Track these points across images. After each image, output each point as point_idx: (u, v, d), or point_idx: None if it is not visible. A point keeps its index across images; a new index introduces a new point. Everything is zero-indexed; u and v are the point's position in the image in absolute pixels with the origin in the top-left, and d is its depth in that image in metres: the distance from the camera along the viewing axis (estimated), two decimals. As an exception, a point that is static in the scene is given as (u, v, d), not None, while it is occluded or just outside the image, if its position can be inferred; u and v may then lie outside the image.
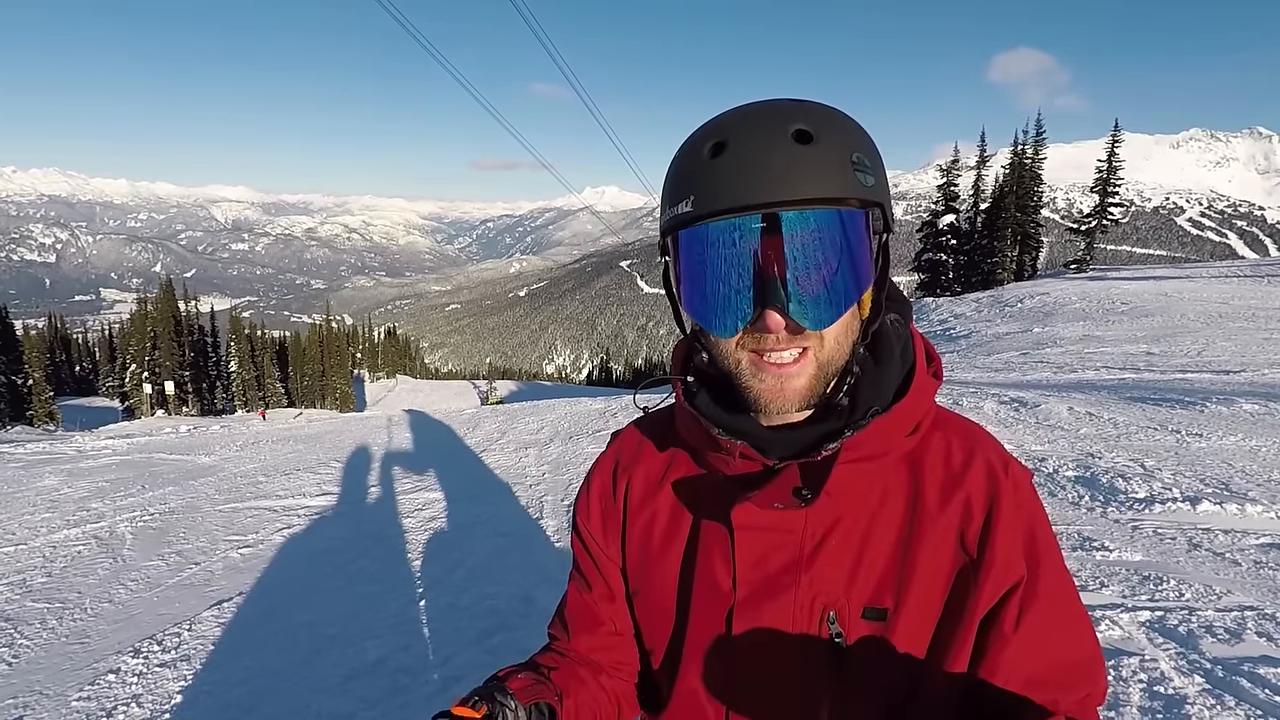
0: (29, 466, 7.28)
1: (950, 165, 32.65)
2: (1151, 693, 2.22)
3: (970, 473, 0.73)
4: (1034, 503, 0.73)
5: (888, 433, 0.71)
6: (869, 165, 0.65)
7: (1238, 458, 4.63)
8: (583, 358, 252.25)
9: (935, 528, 0.71)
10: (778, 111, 0.65)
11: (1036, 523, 0.72)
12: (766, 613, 0.74)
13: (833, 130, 0.64)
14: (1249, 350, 9.60)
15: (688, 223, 0.66)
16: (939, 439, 0.76)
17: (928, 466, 0.74)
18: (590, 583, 0.90)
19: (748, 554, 0.75)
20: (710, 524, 0.79)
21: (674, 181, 0.69)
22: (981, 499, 0.72)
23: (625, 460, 0.90)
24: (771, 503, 0.71)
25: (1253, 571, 3.03)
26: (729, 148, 0.63)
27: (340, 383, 54.79)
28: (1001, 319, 17.58)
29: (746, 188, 0.62)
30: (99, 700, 2.75)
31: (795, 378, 0.66)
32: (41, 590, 3.90)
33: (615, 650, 0.89)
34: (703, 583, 0.78)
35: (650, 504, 0.85)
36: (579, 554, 0.93)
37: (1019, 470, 0.74)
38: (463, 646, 3.09)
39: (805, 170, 0.62)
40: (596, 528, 0.89)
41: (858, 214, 0.64)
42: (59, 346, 54.79)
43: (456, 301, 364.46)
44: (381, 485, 6.11)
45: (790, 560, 0.73)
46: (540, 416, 9.19)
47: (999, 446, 0.77)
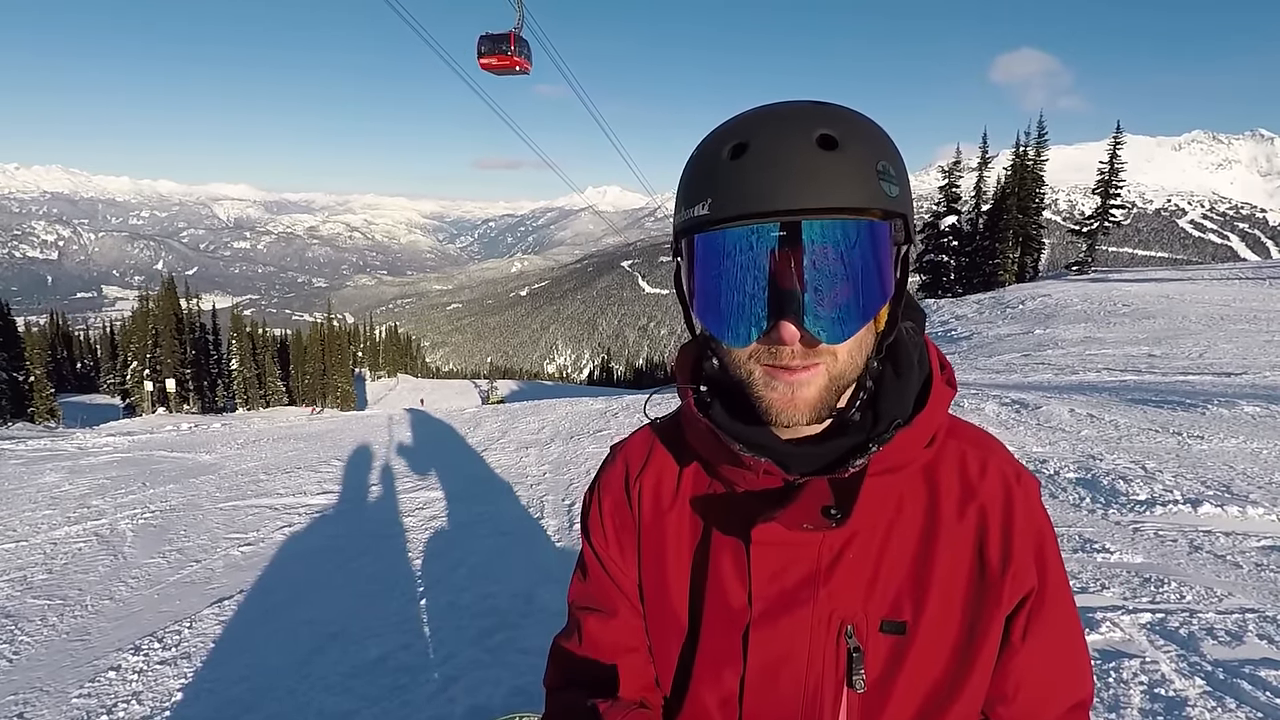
0: (30, 463, 7.29)
1: (952, 166, 32.65)
2: (1152, 695, 2.21)
3: (985, 482, 0.73)
4: (1042, 512, 0.74)
5: (909, 445, 0.69)
6: (894, 175, 0.62)
7: (1239, 460, 4.62)
8: (584, 357, 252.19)
9: (953, 538, 0.71)
10: (802, 114, 0.62)
11: (1045, 532, 0.73)
12: (783, 628, 0.72)
13: (859, 137, 0.61)
14: (1250, 352, 9.58)
15: (703, 226, 0.64)
16: (953, 448, 0.75)
17: (943, 476, 0.73)
18: (616, 606, 0.85)
19: (764, 570, 0.73)
20: (724, 538, 0.77)
21: (691, 181, 0.66)
22: (997, 508, 0.71)
23: (634, 472, 0.86)
24: (800, 523, 0.69)
25: (1254, 574, 3.03)
26: (750, 149, 0.61)
27: (341, 381, 54.85)
28: (1003, 320, 17.56)
29: (767, 193, 0.59)
30: (99, 697, 2.75)
31: (806, 386, 0.64)
32: (42, 587, 3.90)
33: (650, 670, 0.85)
34: (715, 597, 0.77)
35: (664, 517, 0.82)
36: (597, 578, 0.87)
37: (1029, 479, 0.75)
38: (463, 645, 3.09)
39: (829, 178, 0.59)
40: (614, 549, 0.86)
41: (881, 226, 0.61)
42: (60, 343, 54.83)
43: (458, 300, 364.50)
44: (382, 484, 6.11)
45: (807, 574, 0.72)
46: (541, 416, 9.19)
47: (1010, 455, 0.77)
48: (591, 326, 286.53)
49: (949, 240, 32.56)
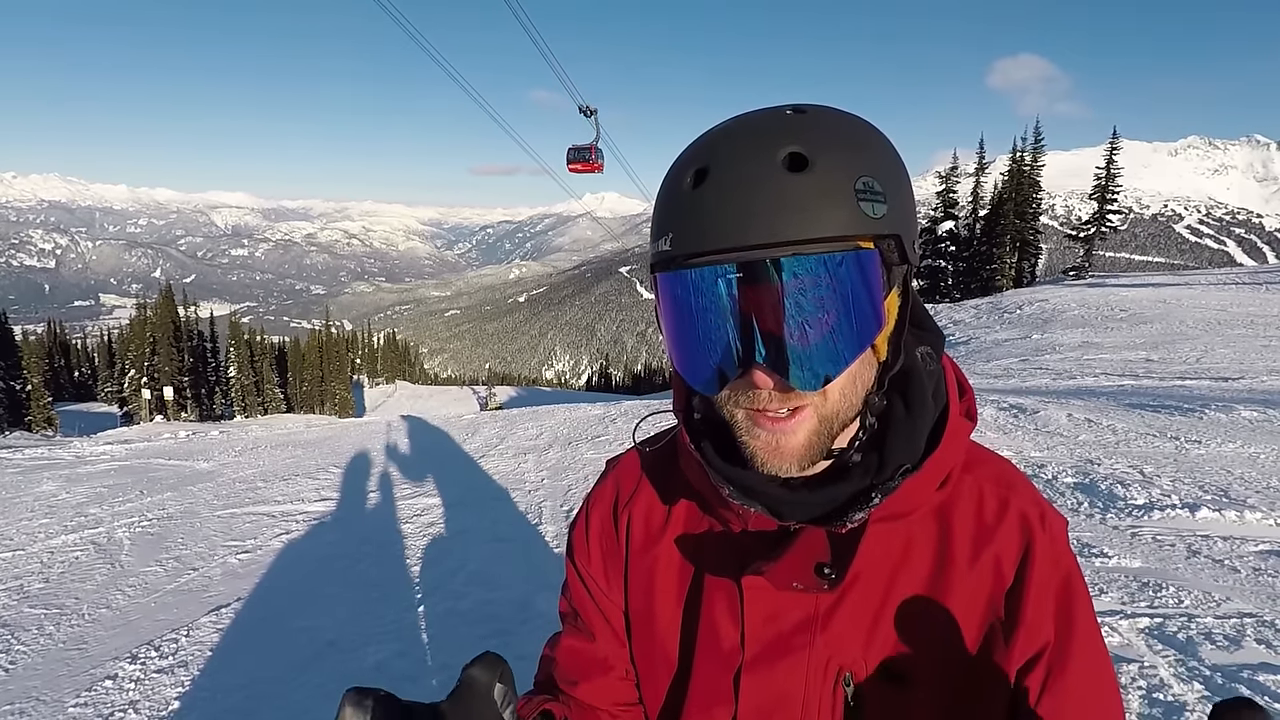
0: (27, 472, 7.26)
1: (949, 172, 32.78)
2: (1151, 699, 2.21)
3: (1004, 526, 0.66)
4: (1069, 559, 0.67)
5: (918, 491, 0.63)
6: (880, 191, 0.55)
7: (1236, 464, 4.63)
8: (582, 363, 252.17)
9: (964, 585, 0.65)
10: (768, 131, 0.56)
11: (1070, 582, 0.66)
12: (777, 673, 0.68)
13: (834, 151, 0.54)
14: (1248, 357, 9.60)
15: (666, 264, 0.59)
16: (970, 485, 0.68)
17: (957, 518, 0.67)
18: (594, 629, 0.82)
19: (757, 613, 0.69)
20: (716, 577, 0.72)
21: (656, 212, 0.61)
22: (1013, 555, 0.65)
23: (624, 496, 0.82)
24: (790, 583, 0.64)
25: (1251, 578, 3.03)
26: (710, 176, 0.55)
27: (339, 388, 54.80)
28: (1000, 325, 17.59)
29: (726, 228, 0.53)
30: (96, 706, 2.74)
31: (791, 434, 0.58)
32: (39, 596, 3.89)
33: (627, 693, 0.82)
34: (707, 637, 0.72)
35: (653, 547, 0.78)
36: (578, 597, 0.84)
37: (1055, 520, 0.68)
38: (461, 652, 3.08)
39: (797, 205, 0.52)
40: (598, 570, 0.82)
41: (864, 254, 0.54)
42: (58, 352, 54.72)
43: (456, 307, 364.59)
44: (380, 491, 6.10)
45: (804, 618, 0.67)
46: (539, 422, 9.18)
47: (1034, 493, 0.70)
48: (590, 332, 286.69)
49: (946, 245, 32.68)
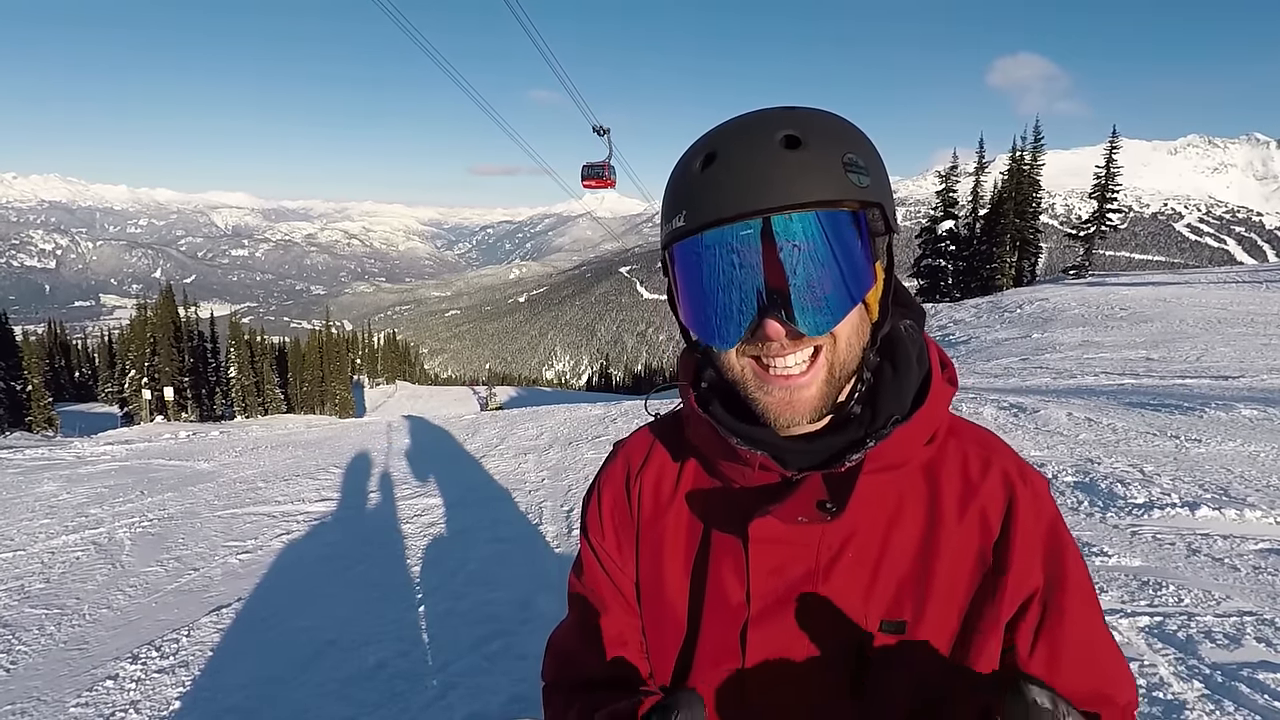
0: (28, 472, 7.27)
1: (949, 171, 32.74)
2: (1151, 698, 2.22)
3: (987, 482, 0.72)
4: (1052, 511, 0.73)
5: (908, 442, 0.69)
6: (863, 165, 0.64)
7: (1236, 463, 4.63)
8: (582, 363, 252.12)
9: (953, 538, 0.70)
10: (766, 119, 0.65)
11: (1056, 532, 0.71)
12: (781, 627, 0.72)
13: (822, 133, 0.63)
14: (1248, 356, 9.60)
15: (681, 236, 0.66)
16: (955, 447, 0.75)
17: (945, 476, 0.73)
18: (608, 603, 0.85)
19: (762, 567, 0.73)
20: (723, 535, 0.77)
21: (668, 198, 0.69)
22: (999, 508, 0.71)
23: (635, 469, 0.87)
24: (795, 517, 0.69)
25: (1251, 577, 3.03)
26: (718, 159, 0.63)
27: (340, 388, 54.79)
28: (1000, 325, 17.59)
29: (736, 197, 0.61)
30: (97, 706, 2.74)
31: (805, 388, 0.65)
32: (40, 596, 3.89)
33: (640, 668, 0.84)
34: (714, 595, 0.76)
35: (663, 515, 0.82)
36: (592, 574, 0.88)
37: (1036, 478, 0.74)
38: (461, 652, 3.08)
39: (795, 174, 0.61)
40: (612, 545, 0.86)
41: (854, 215, 0.63)
42: (58, 352, 54.74)
43: (456, 307, 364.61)
44: (380, 491, 6.10)
45: (806, 573, 0.72)
46: (540, 422, 9.19)
47: (1014, 454, 0.76)
48: (590, 332, 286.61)
49: (946, 245, 32.63)
